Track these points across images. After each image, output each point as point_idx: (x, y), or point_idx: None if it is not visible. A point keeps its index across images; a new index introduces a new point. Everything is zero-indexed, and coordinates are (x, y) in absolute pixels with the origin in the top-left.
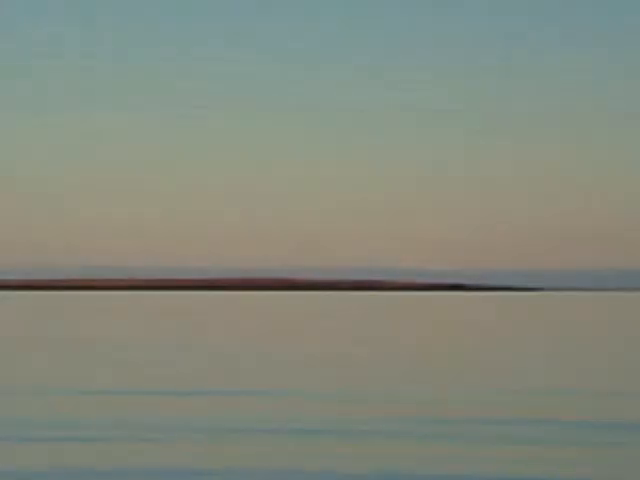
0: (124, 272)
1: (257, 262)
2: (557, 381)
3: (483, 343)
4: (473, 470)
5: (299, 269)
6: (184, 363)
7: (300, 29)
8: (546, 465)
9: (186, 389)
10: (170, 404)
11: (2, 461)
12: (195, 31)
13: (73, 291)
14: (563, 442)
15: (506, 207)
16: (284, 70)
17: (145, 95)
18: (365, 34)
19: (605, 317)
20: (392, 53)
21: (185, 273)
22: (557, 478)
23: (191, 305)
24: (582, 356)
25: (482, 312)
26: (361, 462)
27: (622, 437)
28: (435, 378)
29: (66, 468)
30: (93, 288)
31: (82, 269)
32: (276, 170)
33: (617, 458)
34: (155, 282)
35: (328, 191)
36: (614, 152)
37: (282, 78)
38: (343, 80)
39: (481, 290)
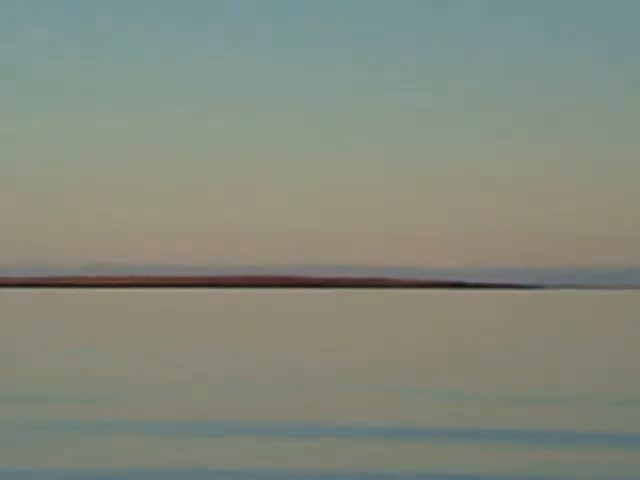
0: (124, 271)
1: (258, 261)
2: (557, 382)
3: (485, 341)
4: None
5: (301, 267)
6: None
7: (300, 29)
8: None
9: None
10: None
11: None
12: (195, 31)
13: (73, 289)
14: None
15: (506, 207)
16: (284, 70)
17: (145, 95)
18: (365, 34)
19: (604, 315)
20: (392, 53)
21: (185, 272)
22: None
23: (192, 304)
24: (582, 356)
25: (484, 310)
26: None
27: (621, 439)
28: (436, 379)
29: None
30: (93, 286)
31: (82, 269)
32: (276, 170)
33: (617, 460)
34: (155, 281)
35: (328, 191)
36: (614, 152)
37: (282, 78)
38: (343, 80)
39: (482, 288)
